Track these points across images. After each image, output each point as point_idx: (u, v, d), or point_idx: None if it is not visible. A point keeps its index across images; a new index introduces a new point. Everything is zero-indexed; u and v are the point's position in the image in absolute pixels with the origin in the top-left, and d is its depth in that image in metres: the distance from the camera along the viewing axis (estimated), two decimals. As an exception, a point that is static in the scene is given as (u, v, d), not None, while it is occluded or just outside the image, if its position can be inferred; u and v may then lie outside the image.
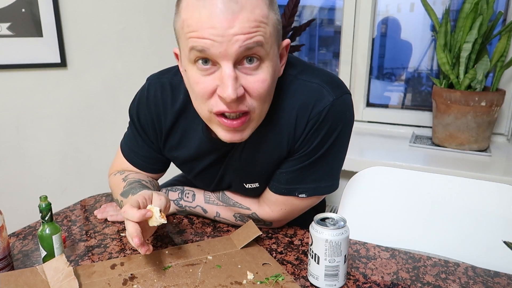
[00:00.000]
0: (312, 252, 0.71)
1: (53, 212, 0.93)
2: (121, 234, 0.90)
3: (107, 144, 1.65)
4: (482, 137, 1.52)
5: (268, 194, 0.87)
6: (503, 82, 1.60)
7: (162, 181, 1.13)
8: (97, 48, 1.68)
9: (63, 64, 1.64)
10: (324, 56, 2.15)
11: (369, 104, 1.93)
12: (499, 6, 1.63)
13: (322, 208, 1.18)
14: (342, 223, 0.70)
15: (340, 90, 0.77)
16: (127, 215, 0.70)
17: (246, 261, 0.78)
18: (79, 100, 1.71)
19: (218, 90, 0.67)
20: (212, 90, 0.68)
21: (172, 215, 0.99)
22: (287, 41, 0.75)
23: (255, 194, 0.90)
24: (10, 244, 0.83)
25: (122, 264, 0.77)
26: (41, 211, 0.74)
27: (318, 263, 0.70)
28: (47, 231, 0.74)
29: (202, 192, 0.96)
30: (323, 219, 0.72)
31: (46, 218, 0.74)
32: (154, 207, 0.72)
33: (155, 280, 0.72)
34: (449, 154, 1.54)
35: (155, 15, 1.72)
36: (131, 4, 1.68)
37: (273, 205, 0.87)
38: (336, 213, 0.77)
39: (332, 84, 0.77)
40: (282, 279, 0.73)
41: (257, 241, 0.86)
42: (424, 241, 0.92)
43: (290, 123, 0.78)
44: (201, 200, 0.95)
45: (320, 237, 0.69)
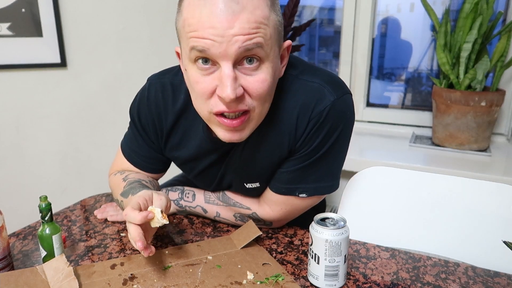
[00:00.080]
0: (312, 252, 0.71)
1: (53, 212, 0.93)
2: (121, 234, 0.90)
3: (107, 144, 1.65)
4: (482, 137, 1.52)
5: (269, 193, 0.87)
6: (503, 82, 1.60)
7: (162, 181, 1.13)
8: (97, 48, 1.68)
9: (63, 64, 1.64)
10: (324, 56, 2.15)
11: (369, 104, 1.93)
12: (499, 6, 1.63)
13: (322, 208, 1.18)
14: (342, 223, 0.70)
15: (341, 90, 0.77)
16: (129, 218, 0.70)
17: (246, 261, 0.78)
18: (79, 100, 1.71)
19: (218, 90, 0.67)
20: (212, 90, 0.68)
21: (172, 215, 0.99)
22: (289, 42, 0.75)
23: (256, 194, 0.90)
24: (10, 244, 0.83)
25: (122, 264, 0.78)
26: (41, 211, 0.74)
27: (318, 263, 0.70)
28: (47, 231, 0.74)
29: (202, 192, 0.96)
30: (323, 219, 0.72)
31: (46, 218, 0.74)
32: (155, 208, 0.72)
33: (155, 280, 0.72)
34: (449, 154, 1.54)
35: (155, 15, 1.72)
36: (131, 4, 1.68)
37: (273, 205, 0.87)
38: (336, 213, 0.77)
39: (333, 84, 0.77)
40: (282, 279, 0.73)
41: (257, 241, 0.86)
42: (424, 241, 0.92)
43: (291, 123, 0.78)
44: (201, 200, 0.95)
45: (320, 237, 0.69)
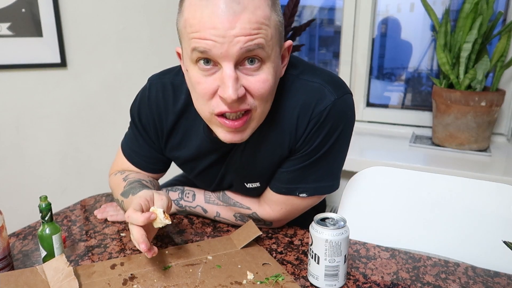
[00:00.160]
0: (312, 252, 0.71)
1: (53, 212, 0.93)
2: (121, 234, 0.90)
3: (107, 144, 1.65)
4: (482, 137, 1.52)
5: (269, 193, 0.87)
6: (503, 82, 1.60)
7: (162, 181, 1.13)
8: (97, 48, 1.68)
9: (63, 64, 1.64)
10: (324, 56, 2.15)
11: (369, 104, 1.93)
12: (499, 6, 1.63)
13: (322, 208, 1.18)
14: (342, 223, 0.70)
15: (342, 90, 0.77)
16: (131, 220, 0.70)
17: (246, 261, 0.78)
18: (79, 100, 1.71)
19: (219, 90, 0.67)
20: (214, 91, 0.68)
21: (172, 215, 0.99)
22: (290, 42, 0.75)
23: (256, 193, 0.90)
24: (10, 244, 0.83)
25: (122, 264, 0.77)
26: (41, 211, 0.74)
27: (318, 263, 0.70)
28: (47, 231, 0.74)
29: (202, 192, 0.96)
30: (323, 219, 0.72)
31: (46, 218, 0.74)
32: (157, 208, 0.72)
33: (155, 280, 0.72)
34: (449, 154, 1.54)
35: (155, 15, 1.72)
36: (131, 4, 1.68)
37: (273, 205, 0.87)
38: (336, 213, 0.77)
39: (333, 83, 0.77)
40: (282, 279, 0.73)
41: (257, 241, 0.86)
42: (424, 241, 0.92)
43: (291, 123, 0.78)
44: (201, 200, 0.95)
45: (320, 237, 0.69)
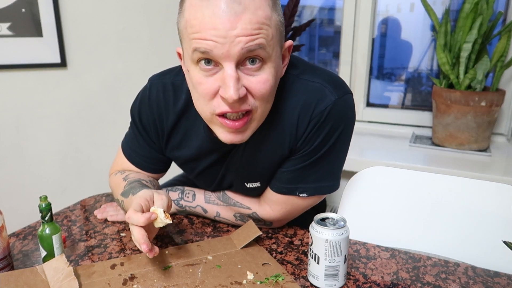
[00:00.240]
0: (312, 252, 0.71)
1: (53, 212, 0.93)
2: (121, 234, 0.90)
3: (107, 144, 1.65)
4: (482, 137, 1.52)
5: (269, 193, 0.87)
6: (503, 82, 1.60)
7: (162, 181, 1.13)
8: (97, 48, 1.68)
9: (63, 64, 1.64)
10: (324, 56, 2.15)
11: (369, 104, 1.93)
12: (499, 6, 1.63)
13: (322, 208, 1.18)
14: (342, 223, 0.70)
15: (342, 90, 0.77)
16: (132, 221, 0.70)
17: (246, 261, 0.78)
18: (79, 100, 1.71)
19: (221, 91, 0.67)
20: (215, 91, 0.68)
21: (172, 215, 0.98)
22: (290, 42, 0.75)
23: (256, 193, 0.90)
24: (10, 244, 0.83)
25: (122, 264, 0.77)
26: (41, 211, 0.74)
27: (318, 263, 0.70)
28: (47, 231, 0.74)
29: (202, 192, 0.96)
30: (323, 219, 0.72)
31: (46, 218, 0.74)
32: (157, 208, 0.72)
33: (155, 280, 0.72)
34: (449, 154, 1.54)
35: (155, 15, 1.72)
36: (131, 4, 1.68)
37: (273, 205, 0.87)
38: (336, 213, 0.77)
39: (334, 83, 0.77)
40: (282, 279, 0.73)
41: (257, 241, 0.86)
42: (424, 241, 0.92)
43: (292, 123, 0.78)
44: (201, 200, 0.95)
45: (320, 237, 0.69)
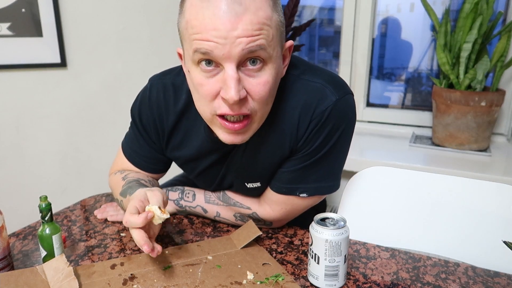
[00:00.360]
0: (312, 252, 0.71)
1: (53, 212, 0.93)
2: (121, 234, 0.90)
3: (107, 144, 1.65)
4: (482, 137, 1.52)
5: (269, 193, 0.87)
6: (503, 82, 1.60)
7: (162, 181, 1.13)
8: (97, 48, 1.68)
9: (63, 64, 1.64)
10: (324, 56, 2.15)
11: (369, 104, 1.93)
12: (499, 6, 1.63)
13: (322, 208, 1.18)
14: (342, 223, 0.70)
15: (343, 90, 0.77)
16: (130, 224, 0.70)
17: (246, 261, 0.78)
18: (79, 100, 1.71)
19: (222, 92, 0.67)
20: (216, 92, 0.68)
21: (172, 215, 0.99)
22: (291, 42, 0.75)
23: (257, 193, 0.90)
24: (10, 244, 0.83)
25: (122, 264, 0.77)
26: (41, 211, 0.74)
27: (318, 263, 0.70)
28: (47, 231, 0.74)
29: (202, 192, 0.96)
30: (323, 219, 0.72)
31: (46, 218, 0.74)
32: (152, 206, 0.73)
33: (155, 280, 0.72)
34: (449, 154, 1.54)
35: (155, 15, 1.72)
36: (131, 4, 1.68)
37: (273, 205, 0.87)
38: (336, 213, 0.77)
39: (334, 84, 0.77)
40: (282, 279, 0.73)
41: (257, 241, 0.86)
42: (424, 241, 0.92)
43: (292, 123, 0.78)
44: (201, 200, 0.95)
45: (320, 237, 0.69)
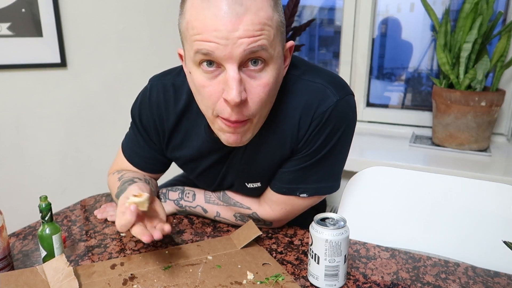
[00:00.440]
0: (312, 252, 0.71)
1: (53, 212, 0.93)
2: (121, 234, 0.90)
3: (107, 144, 1.65)
4: (482, 137, 1.52)
5: (269, 193, 0.87)
6: (503, 82, 1.60)
7: (162, 181, 1.13)
8: (97, 48, 1.68)
9: (63, 64, 1.64)
10: (324, 56, 2.15)
11: (369, 104, 1.93)
12: (499, 6, 1.63)
13: (322, 208, 1.18)
14: (342, 223, 0.70)
15: (344, 91, 0.77)
16: (124, 229, 0.72)
17: (246, 261, 0.78)
18: (79, 100, 1.71)
19: (224, 93, 0.67)
20: (218, 93, 0.68)
21: (172, 215, 0.99)
22: (291, 43, 0.75)
23: (257, 193, 0.90)
24: (10, 244, 0.83)
25: (122, 264, 0.78)
26: (41, 211, 0.74)
27: (318, 263, 0.70)
28: (47, 231, 0.74)
29: (202, 192, 0.96)
30: (323, 219, 0.72)
31: (46, 218, 0.74)
32: (128, 200, 0.72)
33: (155, 280, 0.72)
34: (449, 154, 1.54)
35: (155, 15, 1.72)
36: (131, 4, 1.68)
37: (273, 205, 0.87)
38: (336, 213, 0.77)
39: (335, 84, 0.77)
40: (282, 279, 0.73)
41: (257, 241, 0.86)
42: (424, 241, 0.92)
43: (293, 123, 0.78)
44: (201, 200, 0.95)
45: (320, 237, 0.69)
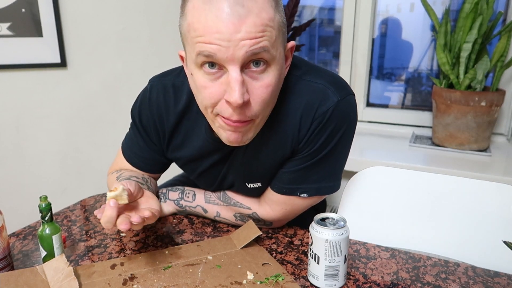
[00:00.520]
0: (312, 252, 0.71)
1: (53, 212, 0.93)
2: (121, 234, 0.90)
3: (107, 144, 1.65)
4: (482, 137, 1.52)
5: (270, 193, 0.87)
6: (503, 82, 1.60)
7: (162, 181, 1.13)
8: (97, 48, 1.68)
9: (63, 64, 1.64)
10: (324, 56, 2.15)
11: (369, 104, 1.93)
12: (499, 6, 1.63)
13: (322, 208, 1.18)
14: (342, 223, 0.70)
15: (345, 91, 0.77)
16: (107, 225, 0.71)
17: (246, 261, 0.78)
18: (79, 100, 1.71)
19: (226, 95, 0.66)
20: (220, 95, 0.68)
21: (172, 215, 0.99)
22: (292, 43, 0.75)
23: (257, 193, 0.90)
24: (10, 244, 0.83)
25: (122, 264, 0.78)
26: (41, 211, 0.74)
27: (318, 263, 0.70)
28: (47, 231, 0.74)
29: (202, 192, 0.96)
30: (323, 219, 0.72)
31: (46, 218, 0.74)
32: (107, 194, 0.72)
33: (155, 280, 0.72)
34: (449, 154, 1.54)
35: (155, 15, 1.72)
36: (131, 4, 1.68)
37: (274, 205, 0.87)
38: (336, 213, 0.77)
39: (336, 84, 0.77)
40: (282, 279, 0.73)
41: (257, 241, 0.86)
42: (424, 241, 0.92)
43: (294, 123, 0.78)
44: (201, 200, 0.95)
45: (320, 237, 0.69)
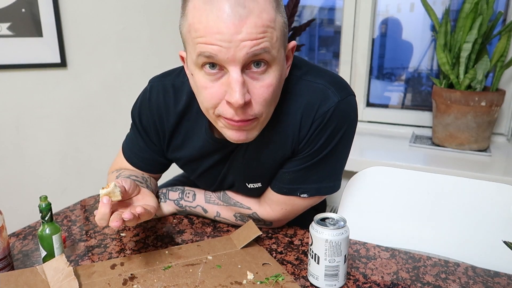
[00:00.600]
0: (312, 252, 0.71)
1: (53, 212, 0.93)
2: (121, 234, 0.90)
3: (107, 144, 1.65)
4: (482, 137, 1.52)
5: (270, 193, 0.87)
6: (503, 82, 1.60)
7: (162, 181, 1.13)
8: (97, 48, 1.68)
9: (63, 64, 1.64)
10: (324, 56, 2.15)
11: (369, 104, 1.93)
12: (499, 6, 1.63)
13: (322, 208, 1.18)
14: (342, 223, 0.70)
15: (345, 91, 0.77)
16: (101, 222, 0.71)
17: (246, 261, 0.78)
18: (79, 100, 1.71)
19: (226, 95, 0.66)
20: (221, 96, 0.67)
21: (172, 215, 0.99)
22: (293, 43, 0.75)
23: (257, 193, 0.91)
24: (10, 244, 0.83)
25: (122, 264, 0.78)
26: (41, 211, 0.74)
27: (318, 263, 0.70)
28: (47, 231, 0.74)
29: (202, 192, 0.96)
30: (323, 219, 0.72)
31: (46, 218, 0.74)
32: (100, 192, 0.72)
33: (155, 280, 0.72)
34: (449, 154, 1.54)
35: (155, 15, 1.72)
36: (131, 4, 1.68)
37: (274, 205, 0.87)
38: (336, 213, 0.77)
39: (337, 85, 0.77)
40: (282, 279, 0.73)
41: (257, 241, 0.86)
42: (424, 241, 0.92)
43: (294, 124, 0.78)
44: (201, 200, 0.95)
45: (320, 237, 0.69)
